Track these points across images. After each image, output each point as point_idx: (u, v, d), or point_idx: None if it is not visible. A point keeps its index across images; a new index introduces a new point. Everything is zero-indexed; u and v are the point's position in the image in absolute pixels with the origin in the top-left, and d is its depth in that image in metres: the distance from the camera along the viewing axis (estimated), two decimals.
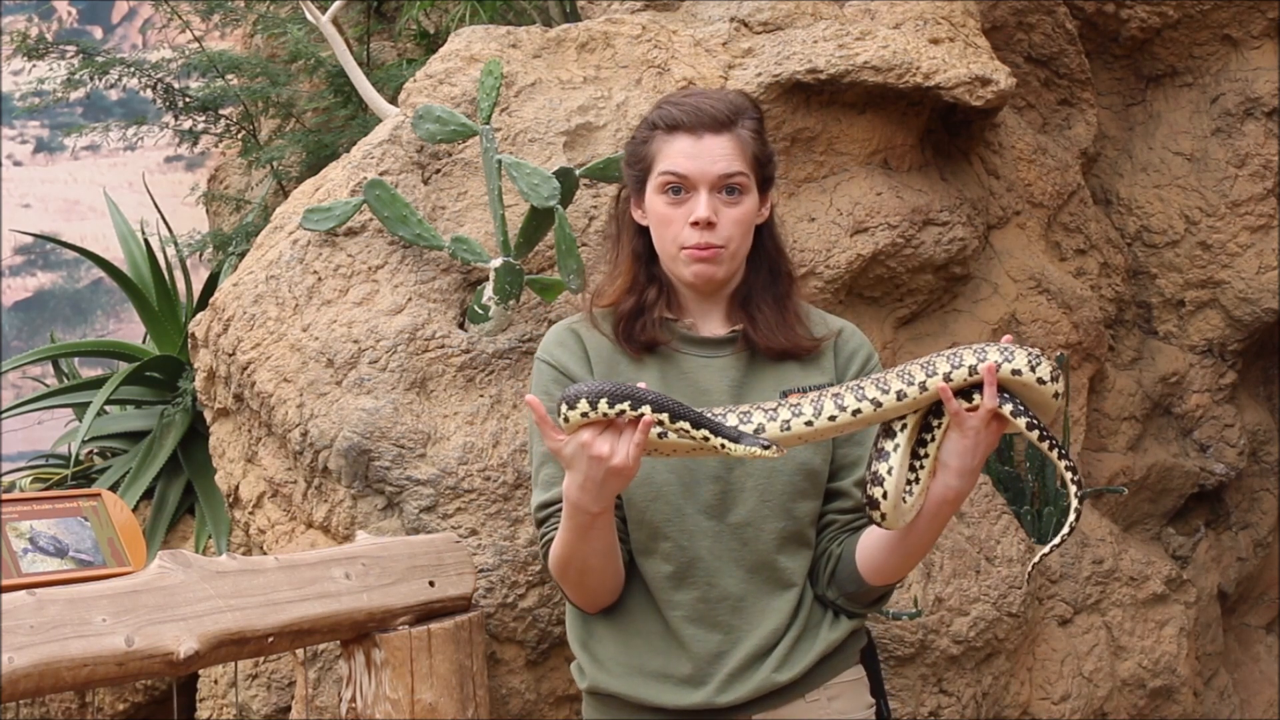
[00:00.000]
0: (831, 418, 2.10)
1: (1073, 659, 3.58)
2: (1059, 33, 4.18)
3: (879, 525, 2.17)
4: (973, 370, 2.07)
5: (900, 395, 2.09)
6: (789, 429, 2.11)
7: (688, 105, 2.31)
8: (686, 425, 2.06)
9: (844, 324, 2.44)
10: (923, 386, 2.08)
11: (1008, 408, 2.09)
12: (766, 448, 2.05)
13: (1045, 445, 2.11)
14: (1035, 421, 2.10)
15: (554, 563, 2.26)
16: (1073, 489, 2.15)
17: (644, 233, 2.37)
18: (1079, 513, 2.16)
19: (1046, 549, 2.21)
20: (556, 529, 2.23)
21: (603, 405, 2.02)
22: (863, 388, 2.10)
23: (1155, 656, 3.72)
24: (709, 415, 2.09)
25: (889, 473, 2.12)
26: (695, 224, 2.27)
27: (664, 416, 2.05)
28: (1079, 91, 4.26)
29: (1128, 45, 4.39)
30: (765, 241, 2.40)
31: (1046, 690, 3.53)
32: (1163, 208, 4.38)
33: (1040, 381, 2.06)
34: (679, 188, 2.29)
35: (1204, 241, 4.33)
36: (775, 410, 2.12)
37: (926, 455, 2.15)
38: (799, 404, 2.12)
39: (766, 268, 2.39)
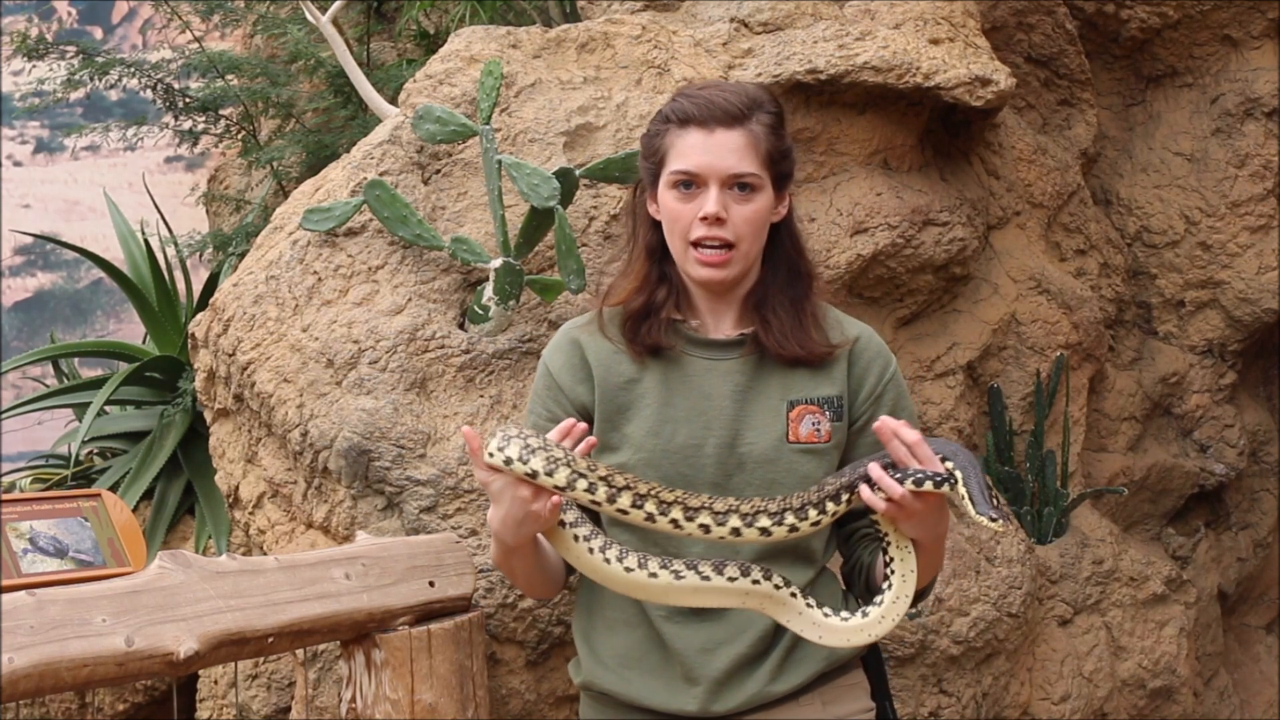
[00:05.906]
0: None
1: (1073, 659, 3.58)
2: (1059, 33, 4.18)
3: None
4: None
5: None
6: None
7: (700, 98, 2.26)
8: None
9: (862, 329, 2.36)
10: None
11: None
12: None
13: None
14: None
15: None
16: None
17: (659, 227, 2.33)
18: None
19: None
20: None
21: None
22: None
23: (1155, 657, 3.71)
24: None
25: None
26: (704, 219, 2.23)
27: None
28: (1079, 92, 4.25)
29: (1128, 45, 4.39)
30: (783, 240, 2.34)
31: (1046, 690, 3.52)
32: (1163, 208, 4.37)
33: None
34: (689, 183, 2.25)
35: (1204, 242, 4.33)
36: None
37: (889, 554, 2.21)
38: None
39: (785, 268, 2.33)
